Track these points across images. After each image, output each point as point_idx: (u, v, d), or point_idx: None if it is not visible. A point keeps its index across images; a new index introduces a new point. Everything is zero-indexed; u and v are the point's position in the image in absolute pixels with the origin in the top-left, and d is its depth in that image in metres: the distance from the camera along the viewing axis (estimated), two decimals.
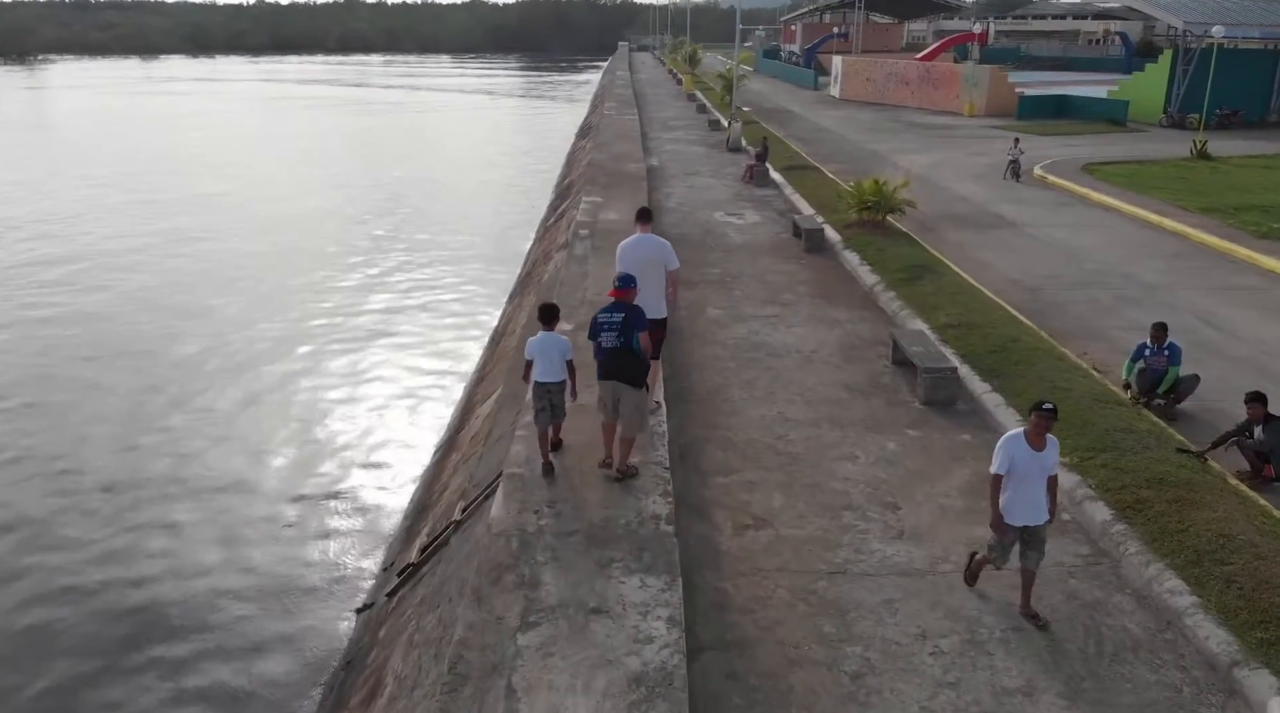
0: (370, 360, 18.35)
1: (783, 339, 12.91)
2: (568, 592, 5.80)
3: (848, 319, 13.83)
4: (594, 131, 38.46)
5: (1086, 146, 32.47)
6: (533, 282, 18.42)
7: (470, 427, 11.65)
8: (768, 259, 17.46)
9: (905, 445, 9.62)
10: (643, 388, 7.96)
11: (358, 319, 20.92)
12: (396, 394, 16.72)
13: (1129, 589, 7.30)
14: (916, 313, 13.40)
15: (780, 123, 40.33)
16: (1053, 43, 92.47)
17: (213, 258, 26.24)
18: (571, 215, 21.77)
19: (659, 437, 8.43)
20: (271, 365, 17.91)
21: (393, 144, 51.63)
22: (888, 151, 31.55)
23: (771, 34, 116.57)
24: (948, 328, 12.49)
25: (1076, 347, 12.37)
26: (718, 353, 12.40)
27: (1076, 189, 23.95)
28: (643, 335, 7.87)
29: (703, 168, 28.43)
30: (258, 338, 19.37)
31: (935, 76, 46.81)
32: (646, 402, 8.21)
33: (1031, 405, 6.85)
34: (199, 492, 13.16)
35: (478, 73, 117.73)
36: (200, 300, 22.09)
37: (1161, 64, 40.13)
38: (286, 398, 16.57)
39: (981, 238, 18.84)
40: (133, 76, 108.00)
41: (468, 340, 19.46)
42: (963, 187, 24.72)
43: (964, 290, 14.40)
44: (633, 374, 7.85)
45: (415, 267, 25.62)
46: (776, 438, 9.76)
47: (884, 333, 13.07)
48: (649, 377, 8.30)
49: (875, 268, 15.92)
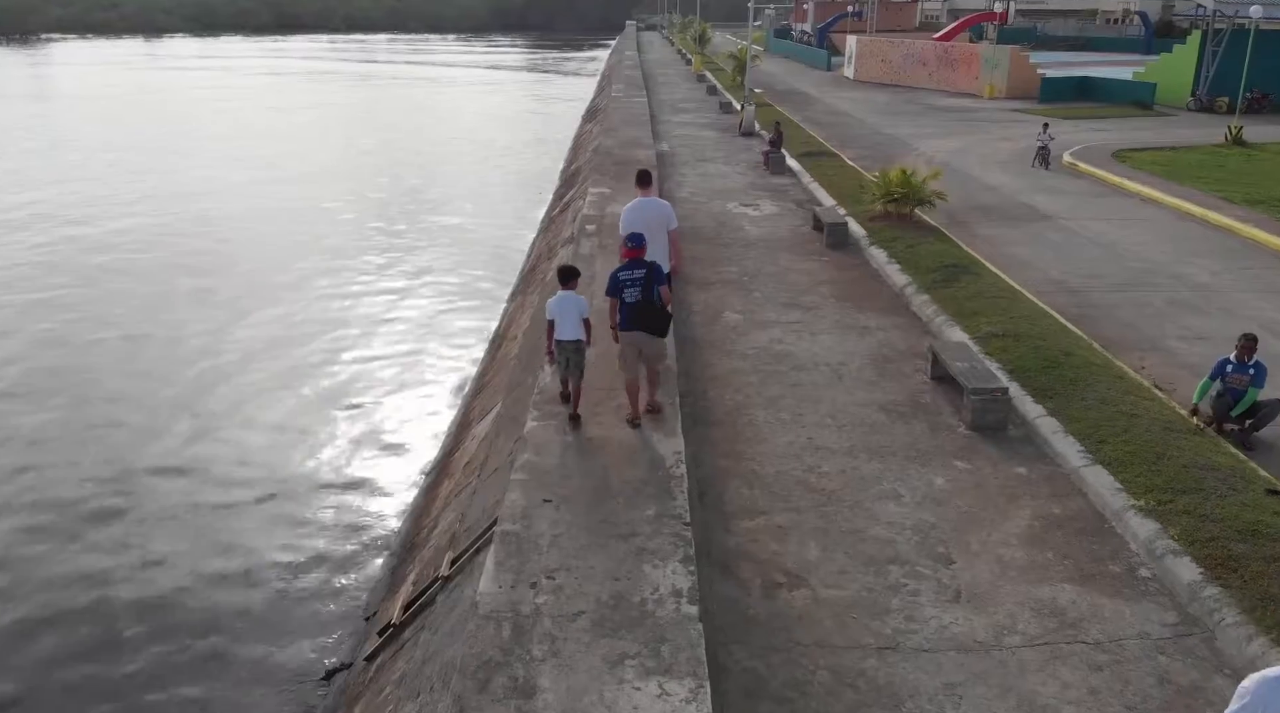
0: (359, 367, 17.01)
1: (809, 349, 11.79)
2: (569, 702, 4.72)
3: (878, 326, 12.69)
4: (601, 115, 37.20)
5: (1114, 131, 31.15)
6: (535, 279, 17.28)
7: (465, 448, 10.58)
8: (787, 256, 16.31)
9: (954, 481, 8.52)
10: (665, 336, 8.62)
11: (347, 319, 19.59)
12: (387, 406, 15.43)
13: (1228, 669, 6.21)
14: (955, 320, 12.25)
15: (794, 105, 39.01)
16: (1069, 22, 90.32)
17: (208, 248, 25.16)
18: (577, 206, 20.62)
19: (676, 481, 7.34)
20: (252, 369, 16.77)
21: (392, 125, 50.28)
22: (908, 136, 30.25)
23: (782, 13, 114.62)
24: (991, 338, 11.35)
25: (1132, 359, 11.25)
26: (737, 365, 11.30)
27: (1111, 178, 22.69)
28: (663, 288, 8.45)
29: (715, 154, 27.20)
30: (236, 339, 18.13)
31: (954, 57, 45.34)
32: (666, 348, 8.98)
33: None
34: (166, 515, 12.09)
35: (484, 52, 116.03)
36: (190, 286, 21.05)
37: (1190, 45, 38.63)
38: (268, 404, 15.44)
39: (1016, 232, 17.64)
40: (142, 54, 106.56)
41: (466, 345, 18.16)
42: (990, 175, 23.47)
43: (1004, 293, 13.24)
44: (657, 324, 8.38)
45: (410, 262, 24.11)
46: (808, 470, 8.67)
47: (919, 342, 11.95)
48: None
49: (905, 267, 14.76)
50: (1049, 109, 36.92)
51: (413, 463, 13.40)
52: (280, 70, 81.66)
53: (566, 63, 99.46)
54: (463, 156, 40.77)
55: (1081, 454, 8.65)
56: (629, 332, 8.29)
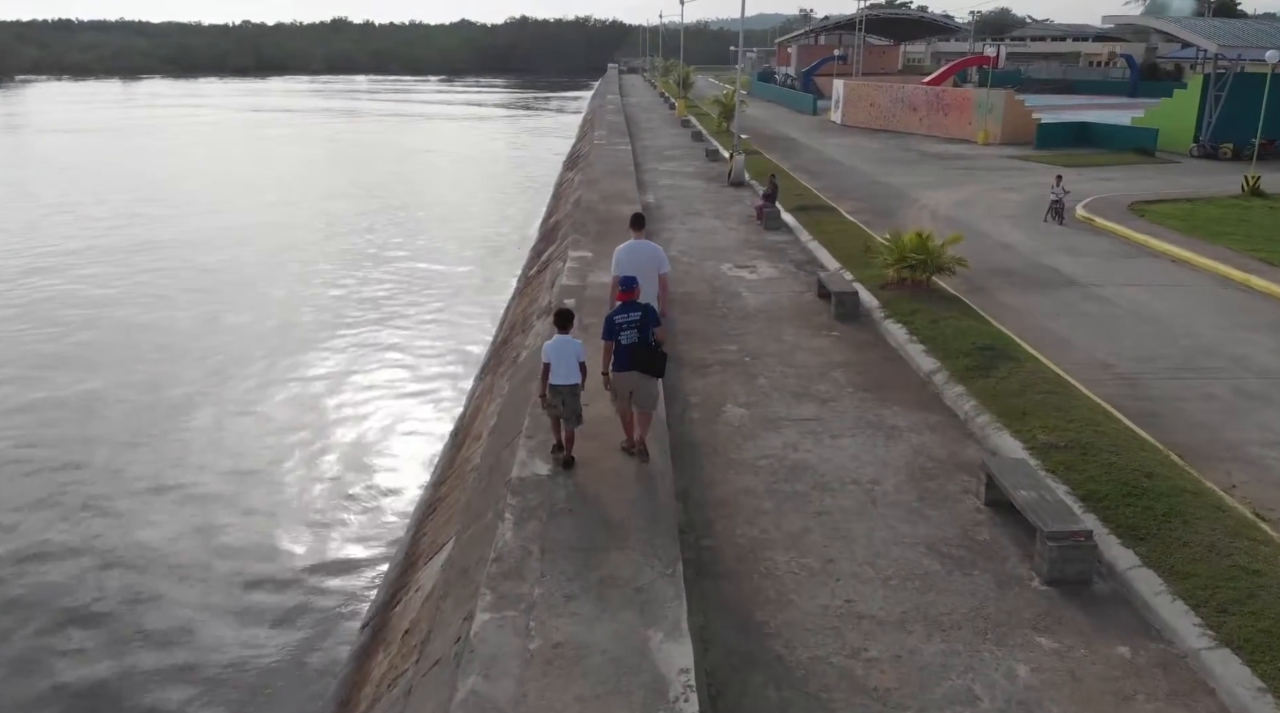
0: (276, 496, 13.64)
1: (830, 459, 9.85)
2: None
3: (909, 426, 10.77)
4: (582, 162, 35.55)
5: (1121, 180, 29.69)
6: (507, 356, 15.23)
7: (407, 604, 8.46)
8: (793, 330, 14.44)
9: (1041, 670, 6.54)
10: (659, 377, 8.68)
11: (268, 428, 16.00)
12: (310, 546, 12.19)
13: None
14: (1001, 422, 10.35)
15: (782, 152, 37.53)
16: (1051, 65, 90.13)
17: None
18: (556, 268, 18.75)
19: (685, 691, 5.29)
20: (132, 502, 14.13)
21: (368, 172, 48.48)
22: (905, 186, 28.67)
23: (764, 56, 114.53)
24: (1051, 451, 9.45)
25: (1218, 475, 9.37)
26: (747, 483, 9.33)
27: (1133, 236, 21.04)
28: (658, 330, 8.64)
29: (704, 207, 25.46)
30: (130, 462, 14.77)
31: (946, 102, 44.09)
32: (659, 386, 8.96)
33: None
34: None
35: (465, 96, 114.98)
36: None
37: (1191, 90, 37.48)
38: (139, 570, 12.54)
39: (1045, 302, 15.86)
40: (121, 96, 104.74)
41: (417, 443, 15.20)
42: (1002, 230, 21.80)
43: (1052, 385, 11.36)
44: (652, 365, 8.50)
45: (369, 334, 21.24)
46: (852, 655, 6.67)
47: (961, 449, 10.05)
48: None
49: (930, 347, 12.90)
50: (1049, 156, 35.59)
51: (340, 630, 10.33)
52: (259, 107, 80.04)
53: (548, 106, 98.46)
54: (440, 208, 38.83)
55: (1200, 630, 6.71)
56: (625, 373, 8.47)
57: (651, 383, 8.59)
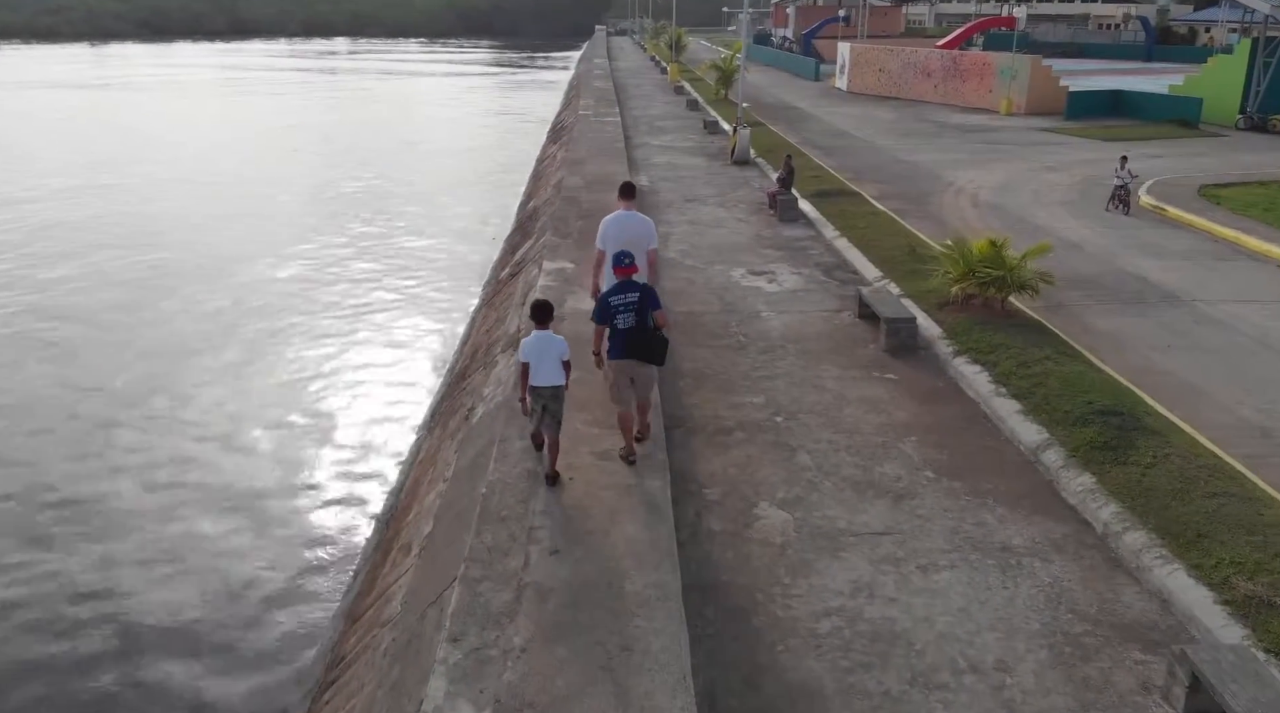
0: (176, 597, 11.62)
1: (926, 616, 6.58)
2: None
3: (1028, 547, 7.48)
4: (566, 136, 31.91)
5: (1171, 157, 26.29)
6: (461, 401, 11.67)
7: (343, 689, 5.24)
8: (834, 369, 11.12)
9: None
10: (663, 364, 8.03)
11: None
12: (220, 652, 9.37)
13: None
14: (1164, 546, 7.07)
15: (788, 123, 33.99)
16: (1060, 27, 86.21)
17: None
18: (530, 272, 15.34)
19: None
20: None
21: (339, 147, 44.56)
22: (933, 164, 25.23)
23: (758, 17, 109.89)
24: (1255, 607, 6.20)
25: None
26: (806, 667, 6.07)
27: (1217, 230, 17.71)
28: (658, 313, 7.79)
29: (706, 191, 22.00)
30: None
31: (963, 68, 40.45)
32: (655, 371, 8.14)
33: None
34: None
35: (447, 58, 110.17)
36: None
37: (1238, 55, 33.95)
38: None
39: (1146, 326, 12.55)
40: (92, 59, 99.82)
41: (346, 516, 11.74)
42: (1060, 222, 18.44)
43: (1217, 475, 8.07)
44: (651, 351, 7.76)
45: (311, 352, 18.52)
46: None
47: (1113, 589, 6.83)
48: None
49: (1029, 406, 9.58)
50: (1080, 128, 32.20)
51: None
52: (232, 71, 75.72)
53: (534, 69, 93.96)
54: (405, 190, 35.04)
55: None
56: (622, 360, 7.74)
57: (650, 370, 7.96)
